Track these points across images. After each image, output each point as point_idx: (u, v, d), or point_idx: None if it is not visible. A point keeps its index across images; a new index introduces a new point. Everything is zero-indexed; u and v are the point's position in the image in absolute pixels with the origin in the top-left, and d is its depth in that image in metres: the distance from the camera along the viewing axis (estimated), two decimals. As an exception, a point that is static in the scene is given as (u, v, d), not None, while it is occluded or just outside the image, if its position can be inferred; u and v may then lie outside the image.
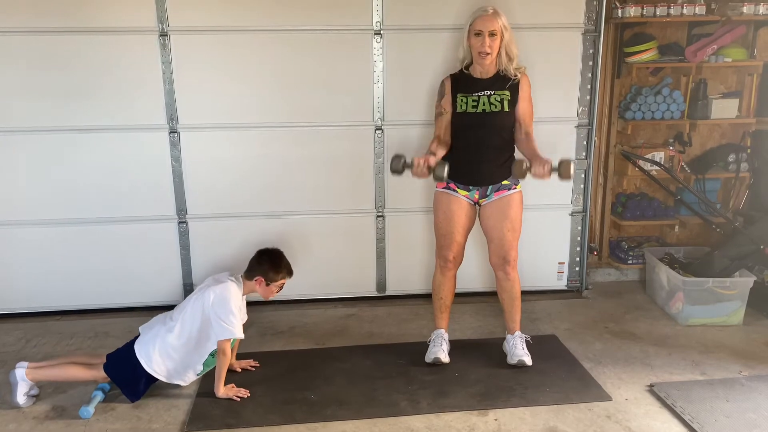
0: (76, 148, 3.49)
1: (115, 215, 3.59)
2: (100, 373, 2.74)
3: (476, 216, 3.07)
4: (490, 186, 2.97)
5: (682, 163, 4.00)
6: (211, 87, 3.49)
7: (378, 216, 3.76)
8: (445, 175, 2.74)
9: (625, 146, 4.00)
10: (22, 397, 2.70)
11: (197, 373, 2.85)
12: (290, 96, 3.54)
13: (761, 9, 3.68)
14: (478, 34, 2.84)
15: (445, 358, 3.04)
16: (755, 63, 3.88)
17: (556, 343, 3.30)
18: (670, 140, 4.03)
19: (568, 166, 2.70)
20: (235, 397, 2.77)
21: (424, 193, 3.65)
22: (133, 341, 2.80)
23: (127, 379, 2.74)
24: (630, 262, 4.07)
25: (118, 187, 3.55)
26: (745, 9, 3.67)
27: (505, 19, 2.87)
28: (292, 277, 2.94)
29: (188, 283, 3.71)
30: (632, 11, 3.67)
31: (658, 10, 3.67)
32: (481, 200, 3.01)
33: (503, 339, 3.19)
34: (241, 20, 3.41)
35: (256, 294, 2.92)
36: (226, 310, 2.72)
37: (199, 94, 3.48)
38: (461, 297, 3.41)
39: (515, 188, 2.99)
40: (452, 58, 3.26)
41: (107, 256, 3.63)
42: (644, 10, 3.67)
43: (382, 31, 3.49)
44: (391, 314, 3.69)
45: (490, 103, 2.90)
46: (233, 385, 2.82)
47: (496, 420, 2.63)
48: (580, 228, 3.88)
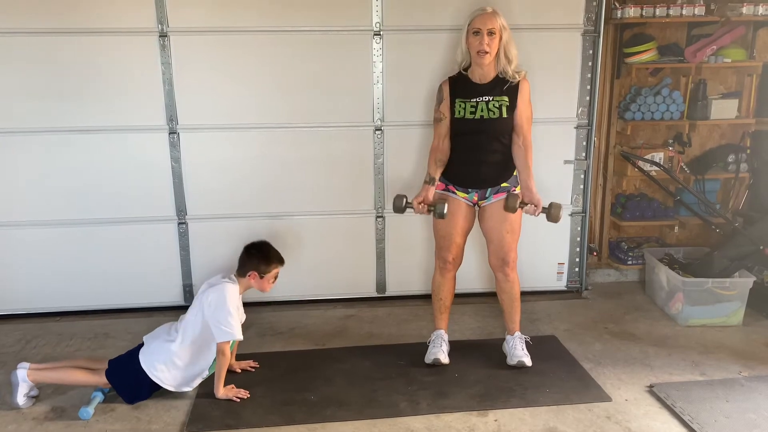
0: (75, 149, 3.49)
1: (115, 216, 3.59)
2: (102, 379, 2.74)
3: (475, 217, 3.07)
4: (489, 188, 2.98)
5: (682, 164, 4.00)
6: (210, 88, 3.49)
7: (378, 217, 3.76)
8: (445, 213, 2.87)
9: (625, 147, 4.00)
10: (22, 398, 2.70)
11: (204, 377, 2.85)
12: (290, 97, 3.54)
13: (761, 9, 3.68)
14: (477, 33, 2.83)
15: (444, 359, 3.04)
16: (755, 63, 3.88)
17: (556, 344, 3.30)
18: (670, 141, 4.03)
19: (558, 210, 2.86)
20: (235, 398, 2.76)
21: (424, 194, 3.65)
22: (136, 350, 2.80)
23: (130, 385, 2.74)
24: (629, 262, 4.07)
25: (118, 188, 3.55)
26: (744, 10, 3.67)
27: (504, 20, 2.87)
28: (284, 265, 2.91)
29: (188, 284, 3.71)
30: (632, 12, 3.67)
31: (658, 11, 3.67)
32: (480, 202, 3.01)
33: (503, 340, 3.19)
34: (241, 21, 3.41)
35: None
36: (224, 312, 2.71)
37: (199, 94, 3.48)
38: (461, 298, 3.41)
39: (515, 190, 2.98)
40: (451, 59, 3.24)
41: (107, 257, 3.63)
42: (644, 11, 3.67)
43: (381, 32, 3.49)
44: (390, 315, 3.69)
45: (489, 110, 2.88)
46: (233, 386, 2.81)
47: (496, 421, 2.63)
48: (579, 228, 3.88)
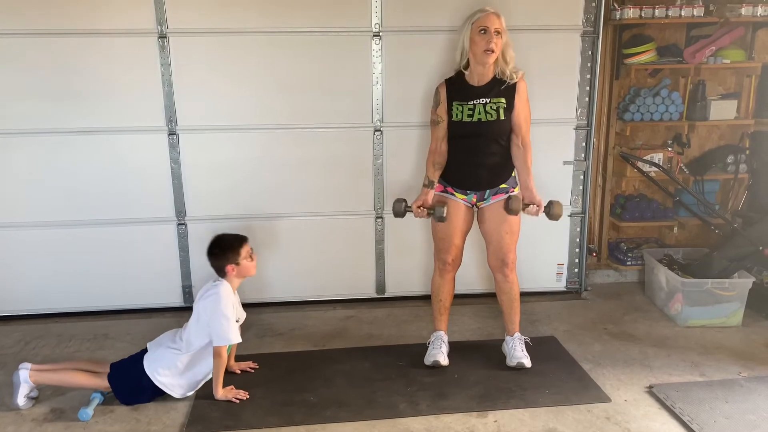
0: (75, 150, 3.49)
1: (114, 217, 3.59)
2: (104, 382, 2.74)
3: (474, 219, 3.07)
4: (488, 190, 2.98)
5: (681, 165, 4.00)
6: (210, 89, 3.49)
7: (377, 218, 3.76)
8: (444, 215, 2.89)
9: (624, 148, 4.00)
10: (22, 399, 2.70)
11: (207, 379, 2.85)
12: (289, 98, 3.54)
13: (759, 10, 3.67)
14: (484, 31, 2.81)
15: (444, 361, 3.04)
16: (754, 64, 3.88)
17: (556, 345, 3.30)
18: (669, 141, 4.03)
19: (559, 208, 2.92)
20: (234, 399, 2.76)
21: (423, 195, 3.65)
22: (139, 356, 2.79)
23: (131, 389, 2.74)
24: (629, 263, 4.07)
25: (117, 189, 3.55)
26: (743, 10, 3.67)
27: (504, 21, 2.88)
28: (247, 239, 2.86)
29: (187, 285, 3.71)
30: (631, 13, 3.67)
31: (657, 12, 3.67)
32: (479, 203, 3.01)
33: (502, 340, 3.19)
34: (240, 22, 3.41)
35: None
36: (218, 316, 2.71)
37: (198, 96, 3.48)
38: (460, 299, 3.40)
39: (513, 191, 2.98)
40: (450, 60, 3.25)
41: (106, 258, 3.63)
42: (643, 12, 3.67)
43: (381, 33, 3.49)
44: (390, 316, 3.69)
45: (486, 112, 2.88)
46: (232, 387, 2.81)
47: (496, 422, 2.63)
48: (579, 229, 3.88)
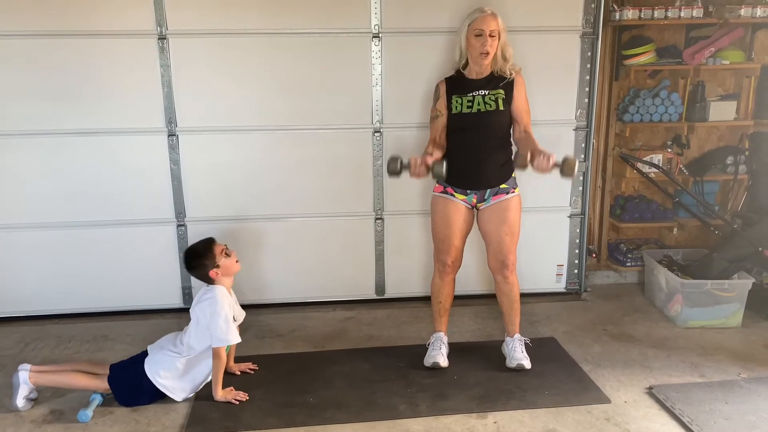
0: (74, 152, 3.48)
1: (114, 218, 3.59)
2: (104, 384, 2.73)
3: (474, 220, 3.06)
4: (489, 190, 2.96)
5: (681, 166, 4.00)
6: (209, 90, 3.49)
7: (377, 219, 3.76)
8: (444, 172, 2.70)
9: (624, 149, 4.01)
10: (21, 400, 2.70)
11: (208, 381, 2.85)
12: (289, 99, 3.54)
13: (759, 12, 3.68)
14: (479, 35, 2.84)
15: (444, 363, 3.04)
16: (753, 65, 3.88)
17: (555, 346, 3.30)
18: (669, 142, 4.03)
19: (573, 164, 2.63)
20: (234, 401, 2.76)
21: (423, 196, 3.65)
22: (139, 358, 2.79)
23: (131, 391, 2.74)
24: (628, 264, 4.07)
25: (117, 190, 3.55)
26: (742, 12, 3.67)
27: (502, 20, 2.88)
28: (215, 239, 2.85)
29: (187, 286, 3.71)
30: (630, 14, 3.67)
31: (656, 13, 3.67)
32: (479, 204, 3.00)
33: (502, 341, 3.19)
34: (240, 23, 3.41)
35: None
36: (215, 318, 2.71)
37: (198, 97, 3.48)
38: (460, 300, 3.40)
39: (514, 192, 2.98)
40: (450, 60, 3.25)
41: (106, 259, 3.63)
42: (642, 13, 3.67)
43: (380, 34, 3.49)
44: (390, 317, 3.69)
45: (485, 103, 2.89)
46: (232, 388, 2.81)
47: (495, 423, 2.63)
48: (578, 230, 3.89)
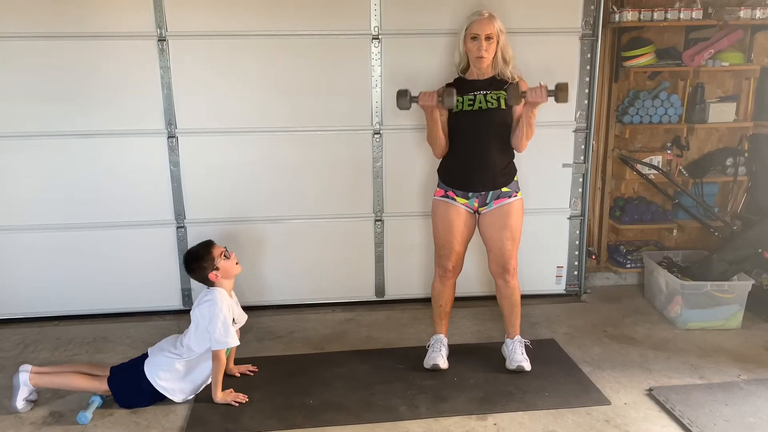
0: (74, 153, 3.48)
1: (113, 220, 3.58)
2: (103, 385, 2.73)
3: (476, 224, 3.05)
4: (491, 193, 2.94)
5: (680, 167, 4.00)
6: (209, 92, 3.49)
7: (377, 220, 3.76)
8: (455, 101, 2.74)
9: (623, 150, 4.01)
10: (21, 402, 2.69)
11: (208, 383, 2.85)
12: (289, 100, 3.54)
13: (758, 13, 3.68)
14: (475, 38, 2.84)
15: (443, 364, 3.03)
16: (752, 67, 3.88)
17: (555, 348, 3.29)
18: (668, 144, 4.03)
19: (566, 88, 2.74)
20: (234, 402, 2.76)
21: (423, 197, 3.65)
22: (139, 359, 2.79)
23: (130, 393, 2.74)
24: (628, 266, 4.06)
25: (116, 192, 3.55)
26: (742, 13, 3.67)
27: (501, 23, 2.88)
28: (213, 241, 2.85)
29: (186, 288, 3.70)
30: (629, 16, 3.67)
31: (656, 15, 3.67)
32: (480, 208, 2.98)
33: (502, 343, 3.19)
34: (240, 25, 3.41)
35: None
36: (214, 321, 2.70)
37: (198, 98, 3.48)
38: (460, 301, 3.38)
39: (516, 196, 2.96)
40: (449, 62, 3.26)
41: (105, 261, 3.63)
42: (641, 15, 3.67)
43: (380, 36, 3.49)
44: (389, 319, 3.69)
45: (487, 101, 2.87)
46: (231, 390, 2.81)
47: (495, 424, 2.63)
48: (578, 232, 3.88)
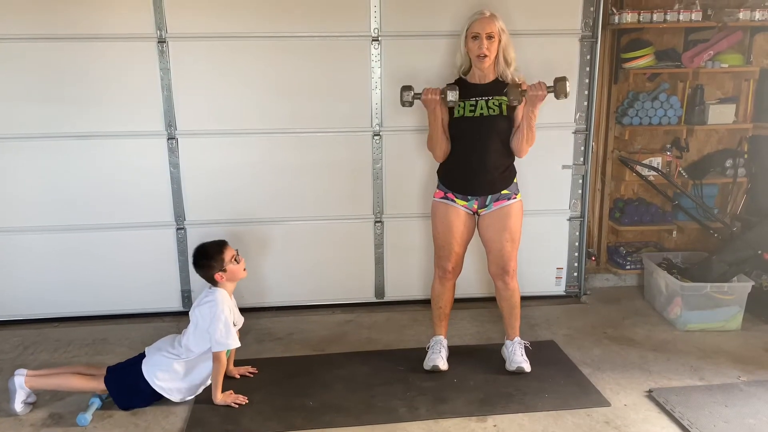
0: (73, 155, 3.48)
1: (113, 222, 3.58)
2: (100, 385, 2.73)
3: (475, 226, 3.05)
4: (490, 196, 2.95)
5: (680, 169, 4.00)
6: (209, 93, 3.49)
7: (376, 222, 3.76)
8: (456, 98, 2.77)
9: (623, 152, 4.01)
10: (19, 405, 2.69)
11: (207, 385, 2.84)
12: (289, 102, 3.54)
13: (757, 15, 3.69)
14: (476, 38, 2.84)
15: (443, 366, 3.03)
16: (752, 68, 3.89)
17: (555, 349, 3.29)
18: (668, 146, 4.03)
19: (564, 82, 2.79)
20: (233, 404, 2.76)
21: (423, 199, 3.66)
22: (137, 360, 2.79)
23: (128, 393, 2.73)
24: (628, 267, 4.07)
25: (116, 194, 3.55)
26: (741, 15, 3.68)
27: (502, 23, 2.88)
28: (227, 242, 2.85)
29: (186, 290, 3.70)
30: (629, 17, 3.68)
31: (655, 16, 3.68)
32: (480, 210, 2.98)
33: (502, 344, 3.19)
34: (240, 27, 3.42)
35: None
36: (215, 322, 2.70)
37: (198, 100, 3.48)
38: (459, 303, 3.39)
39: (515, 198, 2.96)
40: (450, 64, 3.27)
41: (105, 262, 3.63)
42: (641, 16, 3.68)
43: (380, 38, 3.50)
44: (389, 320, 3.69)
45: (488, 107, 2.88)
46: (231, 392, 2.81)
47: (495, 426, 2.63)
48: (578, 233, 3.88)
